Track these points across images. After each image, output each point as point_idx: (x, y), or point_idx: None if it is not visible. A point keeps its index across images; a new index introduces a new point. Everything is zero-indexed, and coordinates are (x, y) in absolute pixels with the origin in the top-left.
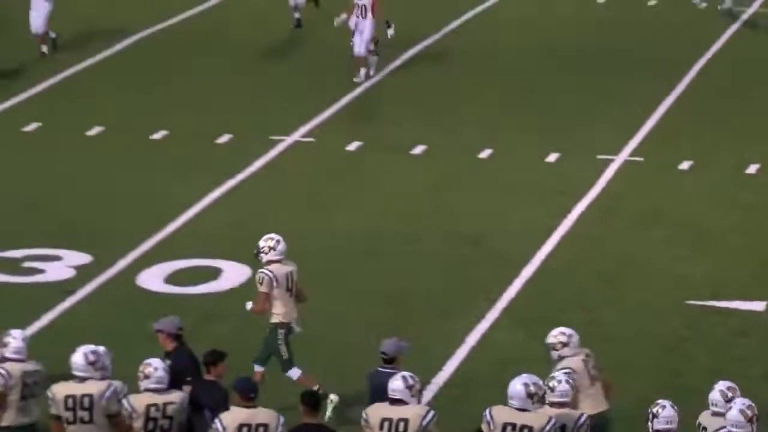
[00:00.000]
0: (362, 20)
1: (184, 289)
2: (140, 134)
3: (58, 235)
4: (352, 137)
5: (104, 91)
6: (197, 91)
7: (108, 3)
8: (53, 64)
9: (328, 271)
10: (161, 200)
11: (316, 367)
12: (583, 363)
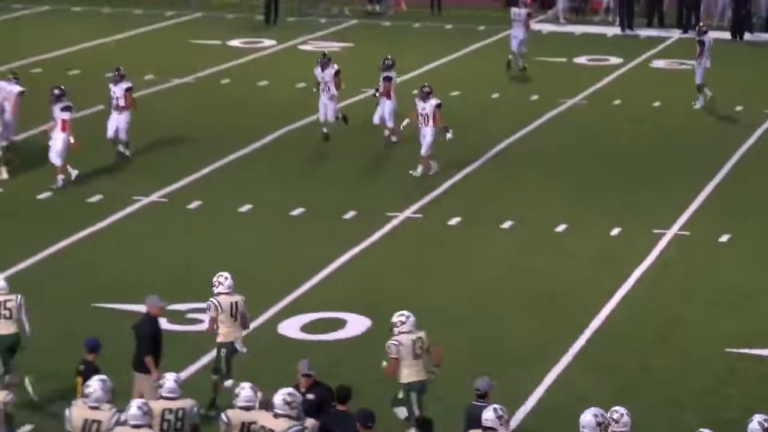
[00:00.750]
0: (424, 127)
1: (316, 336)
2: (283, 210)
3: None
4: (453, 214)
5: (252, 175)
6: (325, 173)
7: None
8: (212, 154)
9: (434, 324)
10: (298, 263)
11: (429, 398)
12: (411, 341)
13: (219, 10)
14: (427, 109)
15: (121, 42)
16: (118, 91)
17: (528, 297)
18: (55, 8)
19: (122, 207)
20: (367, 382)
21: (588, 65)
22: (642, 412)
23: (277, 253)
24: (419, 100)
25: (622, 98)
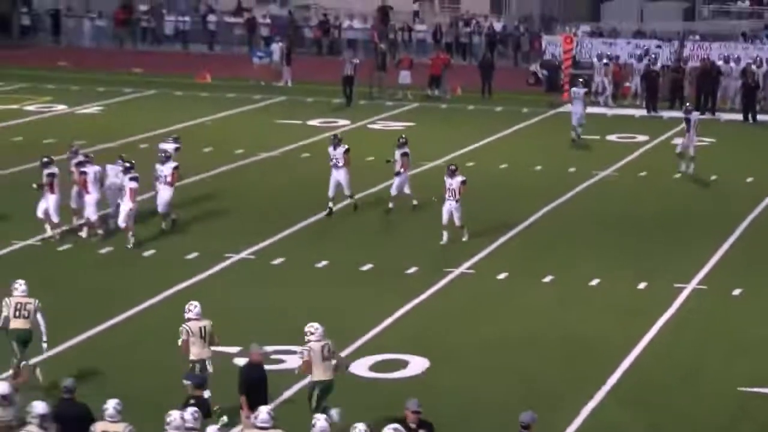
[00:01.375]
0: (452, 201)
1: (383, 375)
2: (354, 266)
3: (296, 336)
4: (501, 270)
5: (328, 236)
6: (390, 234)
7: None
8: (293, 217)
9: (484, 363)
10: (368, 311)
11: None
12: (320, 347)
13: (300, 95)
14: (454, 185)
15: (216, 121)
16: (166, 169)
17: (565, 342)
18: (160, 92)
19: (216, 263)
20: (428, 416)
21: (618, 142)
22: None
23: (349, 302)
24: (447, 177)
25: (648, 170)
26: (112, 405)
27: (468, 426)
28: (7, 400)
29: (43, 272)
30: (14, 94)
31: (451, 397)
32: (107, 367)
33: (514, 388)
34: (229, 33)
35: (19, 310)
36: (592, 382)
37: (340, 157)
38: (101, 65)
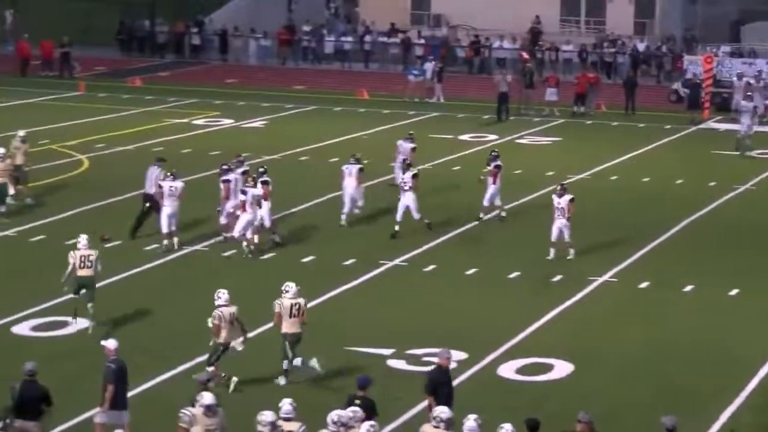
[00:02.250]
0: (561, 218)
1: (528, 377)
2: (501, 273)
3: (446, 339)
4: (643, 279)
5: (478, 245)
6: (536, 244)
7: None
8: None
9: (625, 368)
10: (515, 316)
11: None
12: (290, 304)
13: (451, 111)
14: (562, 204)
15: (372, 135)
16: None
17: (705, 349)
18: (320, 108)
19: (371, 269)
20: (571, 418)
21: (757, 158)
22: None
23: (497, 308)
24: (556, 197)
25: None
26: (287, 403)
27: (610, 430)
28: (212, 410)
29: (212, 276)
30: (185, 108)
31: (593, 401)
32: (268, 366)
33: (655, 393)
34: (385, 52)
35: (83, 261)
36: (731, 388)
37: (409, 181)
38: (265, 82)
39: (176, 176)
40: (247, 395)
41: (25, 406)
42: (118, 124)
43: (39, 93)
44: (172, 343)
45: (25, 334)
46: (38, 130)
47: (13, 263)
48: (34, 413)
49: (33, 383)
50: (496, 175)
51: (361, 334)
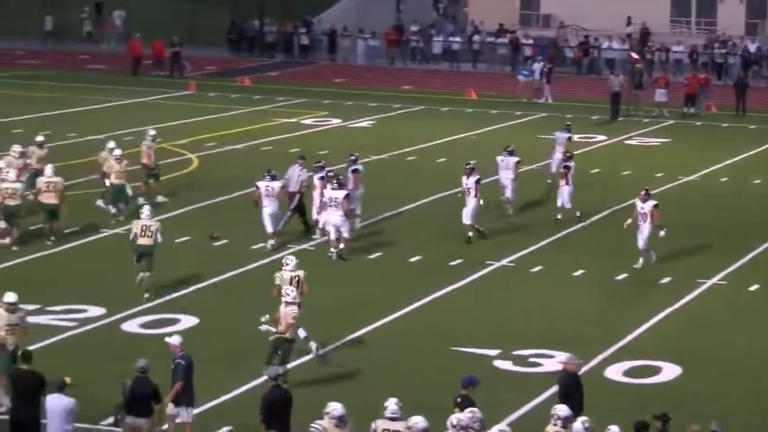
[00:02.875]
0: (643, 224)
1: (636, 380)
2: (608, 275)
3: (553, 341)
4: (752, 281)
5: (586, 248)
6: None
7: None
8: (546, 229)
9: (733, 368)
10: (622, 319)
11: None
12: (290, 276)
13: (560, 111)
14: (646, 209)
15: (480, 135)
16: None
17: None
18: (428, 108)
19: (478, 269)
20: (679, 421)
21: None
22: None
23: (605, 309)
24: (640, 201)
25: None
26: (393, 403)
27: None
28: (343, 421)
29: (317, 274)
30: (294, 108)
31: (701, 404)
32: (374, 366)
33: (764, 397)
34: (493, 52)
35: (144, 230)
36: None
37: (472, 187)
38: (373, 82)
39: (275, 176)
40: (345, 394)
41: (136, 403)
42: (228, 124)
43: (150, 92)
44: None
45: (134, 331)
46: (149, 128)
47: (123, 261)
48: (145, 410)
49: (144, 380)
50: (566, 176)
51: (467, 335)
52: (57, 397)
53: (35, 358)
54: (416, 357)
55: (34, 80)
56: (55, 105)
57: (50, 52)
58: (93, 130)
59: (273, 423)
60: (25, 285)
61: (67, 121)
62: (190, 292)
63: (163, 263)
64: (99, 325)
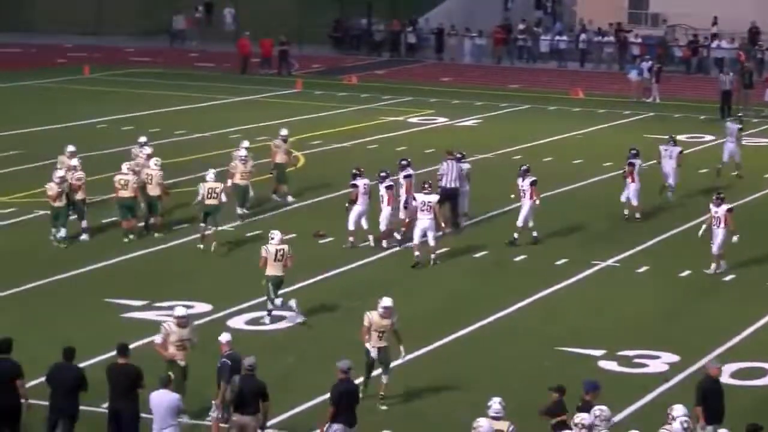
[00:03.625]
0: (716, 228)
1: (743, 382)
2: (715, 276)
3: (659, 341)
4: None
5: (687, 247)
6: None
7: None
8: (651, 228)
9: None
10: (726, 320)
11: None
12: (275, 249)
13: (668, 111)
14: (719, 213)
15: (587, 135)
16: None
17: None
18: (534, 107)
19: (583, 269)
20: None
21: None
22: None
23: (709, 311)
24: (713, 206)
25: None
26: (496, 402)
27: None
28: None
29: (423, 273)
30: (400, 106)
31: None
32: (477, 365)
33: None
34: (600, 51)
35: (210, 192)
36: None
37: (528, 189)
38: (480, 81)
39: (363, 174)
40: (449, 392)
41: (244, 400)
42: (334, 122)
43: (257, 90)
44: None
45: (239, 328)
46: (257, 126)
47: (229, 258)
48: (252, 408)
49: (252, 378)
50: (632, 174)
51: (572, 335)
52: (162, 393)
53: (142, 353)
54: (520, 356)
55: (143, 78)
56: (163, 103)
57: (160, 50)
58: (201, 127)
59: (341, 415)
60: (133, 281)
61: (175, 119)
62: (295, 290)
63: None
64: (205, 321)
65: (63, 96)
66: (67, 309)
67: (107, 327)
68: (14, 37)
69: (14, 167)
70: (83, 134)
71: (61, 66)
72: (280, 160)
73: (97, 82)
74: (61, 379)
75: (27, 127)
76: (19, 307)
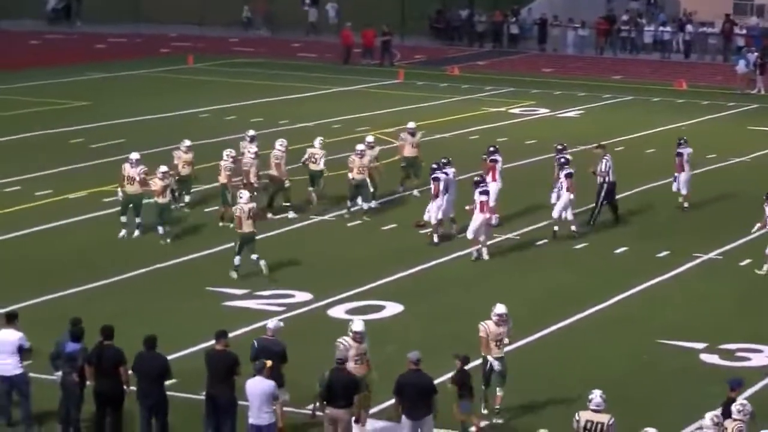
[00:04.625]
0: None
1: None
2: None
3: (761, 336)
4: None
5: None
6: None
7: None
8: None
9: None
10: None
11: None
12: (248, 208)
13: None
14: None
15: (690, 126)
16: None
17: None
18: (637, 98)
19: (685, 262)
20: None
21: None
22: None
23: None
24: (767, 206)
25: None
26: (597, 395)
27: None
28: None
29: (524, 264)
30: (502, 97)
31: None
32: (577, 358)
33: None
34: (705, 42)
35: (311, 157)
36: None
37: (564, 180)
38: (582, 72)
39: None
40: (550, 384)
41: (334, 394)
42: (436, 112)
43: (360, 81)
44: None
45: (340, 317)
46: (358, 117)
47: (330, 248)
48: (344, 401)
49: (342, 371)
50: (682, 164)
51: (673, 327)
52: (258, 380)
53: (242, 342)
54: (622, 349)
55: (246, 68)
56: (266, 92)
57: (263, 41)
58: (303, 117)
59: (406, 407)
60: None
61: (278, 109)
62: (395, 279)
63: (368, 247)
64: (306, 310)
65: (166, 86)
66: (169, 297)
67: (209, 315)
68: (120, 28)
69: (117, 157)
70: (186, 124)
71: (165, 56)
72: (408, 154)
73: (201, 72)
74: (146, 368)
75: (131, 117)
76: (122, 294)
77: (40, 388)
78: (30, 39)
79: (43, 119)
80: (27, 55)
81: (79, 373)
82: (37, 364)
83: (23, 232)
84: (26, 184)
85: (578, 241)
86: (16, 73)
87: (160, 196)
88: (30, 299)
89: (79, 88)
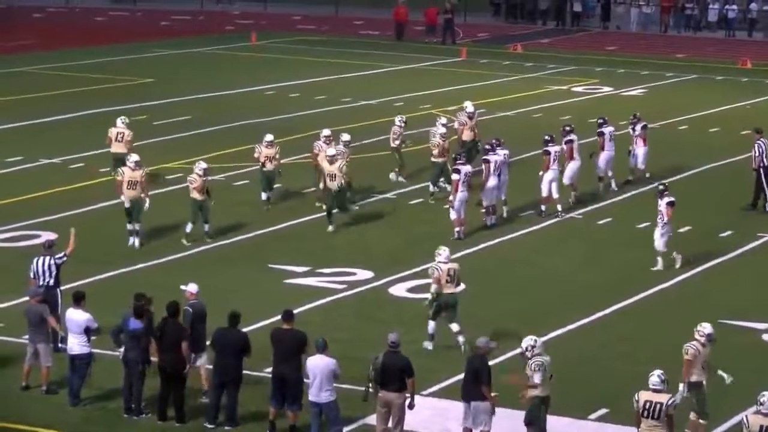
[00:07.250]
0: None
1: None
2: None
3: None
4: None
5: None
6: None
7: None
8: None
9: None
10: None
11: None
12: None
13: None
14: None
15: (755, 105)
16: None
17: None
18: (701, 77)
19: (749, 242)
20: None
21: None
22: None
23: None
24: None
25: None
26: (656, 374)
27: None
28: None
29: (582, 246)
30: (564, 75)
31: None
32: (638, 336)
33: None
34: None
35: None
36: None
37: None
38: (646, 50)
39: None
40: (612, 363)
41: (388, 376)
42: (498, 90)
43: (422, 59)
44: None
45: (401, 295)
46: (420, 95)
47: (389, 225)
48: (396, 385)
49: (395, 354)
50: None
51: (736, 307)
52: (319, 358)
53: (305, 319)
54: (684, 328)
55: (309, 45)
56: (329, 70)
57: (326, 18)
58: (366, 95)
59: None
60: (297, 248)
61: (341, 86)
62: (459, 257)
63: (431, 226)
64: (367, 288)
65: (229, 63)
66: (232, 274)
67: (270, 293)
68: (184, 4)
69: (182, 133)
70: (251, 101)
71: (228, 33)
72: (467, 138)
73: (264, 49)
74: (226, 344)
75: (195, 94)
76: (195, 269)
77: (105, 364)
78: (95, 16)
79: (108, 95)
80: (93, 33)
81: (144, 349)
82: (102, 341)
83: (89, 208)
84: (91, 160)
85: (641, 221)
86: (82, 49)
87: (198, 194)
88: (96, 275)
89: (144, 65)
